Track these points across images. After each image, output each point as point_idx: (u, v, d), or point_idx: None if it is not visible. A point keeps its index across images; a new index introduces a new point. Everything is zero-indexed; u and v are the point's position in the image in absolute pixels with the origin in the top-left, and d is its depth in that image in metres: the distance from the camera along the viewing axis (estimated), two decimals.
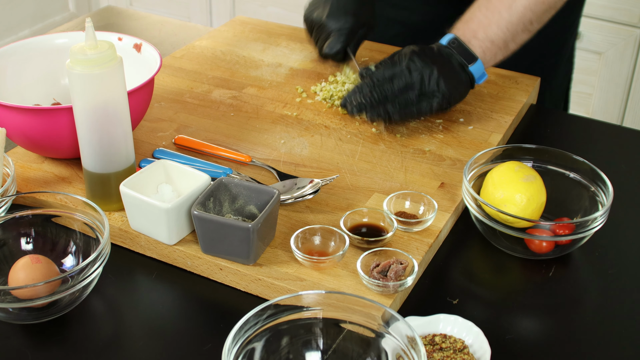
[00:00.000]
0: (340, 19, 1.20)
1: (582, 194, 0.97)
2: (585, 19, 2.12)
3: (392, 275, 0.83)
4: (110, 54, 0.87)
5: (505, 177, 0.93)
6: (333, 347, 0.75)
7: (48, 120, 0.96)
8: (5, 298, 0.83)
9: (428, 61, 1.08)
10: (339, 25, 1.20)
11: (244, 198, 0.91)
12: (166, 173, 0.94)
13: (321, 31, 1.22)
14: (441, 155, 1.07)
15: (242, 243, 0.85)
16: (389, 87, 1.08)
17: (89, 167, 0.93)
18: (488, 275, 0.93)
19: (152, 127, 1.13)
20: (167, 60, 1.32)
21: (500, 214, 0.90)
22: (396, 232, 0.92)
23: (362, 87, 1.09)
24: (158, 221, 0.88)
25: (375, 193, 1.00)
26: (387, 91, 1.08)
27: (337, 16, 1.20)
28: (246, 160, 1.05)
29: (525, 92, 1.24)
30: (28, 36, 2.88)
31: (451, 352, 0.79)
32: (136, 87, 0.99)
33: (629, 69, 2.12)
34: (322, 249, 0.88)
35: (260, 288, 0.87)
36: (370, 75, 1.09)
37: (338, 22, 1.20)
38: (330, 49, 1.20)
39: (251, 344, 0.72)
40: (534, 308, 0.88)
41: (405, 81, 1.08)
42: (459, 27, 1.14)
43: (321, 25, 1.22)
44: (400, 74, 1.08)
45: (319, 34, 1.23)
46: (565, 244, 0.92)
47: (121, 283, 0.90)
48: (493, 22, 1.11)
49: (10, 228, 0.90)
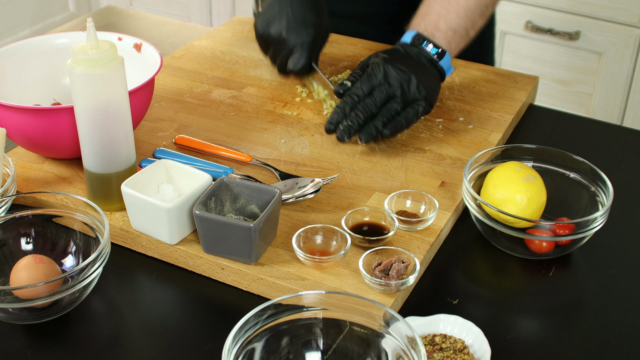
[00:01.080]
0: (302, 33, 1.12)
1: (582, 194, 0.97)
2: (585, 19, 2.12)
3: (394, 274, 0.83)
4: (112, 54, 0.87)
5: (505, 177, 0.93)
6: (333, 347, 0.75)
7: (48, 120, 0.96)
8: (6, 298, 0.83)
9: (402, 67, 1.06)
10: (300, 39, 1.12)
11: (246, 197, 0.91)
12: (167, 173, 0.94)
13: (280, 47, 1.13)
14: (441, 155, 1.08)
15: (243, 242, 0.85)
16: (371, 102, 1.05)
17: (90, 167, 0.93)
18: (488, 275, 0.93)
19: (152, 127, 1.13)
20: (166, 60, 1.32)
21: (500, 214, 0.90)
22: (397, 231, 0.92)
23: (344, 108, 1.05)
24: (159, 221, 0.88)
25: (376, 192, 1.00)
26: (371, 107, 1.04)
27: (297, 30, 1.12)
28: (247, 159, 1.05)
29: (524, 91, 1.24)
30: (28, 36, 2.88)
31: (451, 352, 0.79)
32: (137, 87, 0.99)
33: (629, 69, 2.12)
34: (324, 248, 0.88)
35: (262, 287, 0.87)
36: (350, 94, 1.06)
37: (299, 37, 1.12)
38: (295, 65, 1.12)
39: (251, 344, 0.72)
40: (534, 308, 0.88)
41: (386, 93, 1.05)
42: (418, 22, 1.13)
43: (280, 40, 1.13)
44: (379, 86, 1.05)
45: (278, 51, 1.14)
46: (566, 244, 0.92)
47: (121, 283, 0.90)
48: (452, 11, 1.10)
49: (10, 228, 0.90)
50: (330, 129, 1.05)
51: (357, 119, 1.04)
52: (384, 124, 1.05)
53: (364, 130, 1.04)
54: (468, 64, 1.31)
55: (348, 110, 1.05)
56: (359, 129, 1.04)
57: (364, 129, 1.04)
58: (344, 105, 1.05)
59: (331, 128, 1.05)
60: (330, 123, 1.05)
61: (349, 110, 1.05)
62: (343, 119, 1.05)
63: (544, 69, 2.23)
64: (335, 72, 1.28)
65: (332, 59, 1.32)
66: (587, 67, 2.18)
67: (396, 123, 1.05)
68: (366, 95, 1.05)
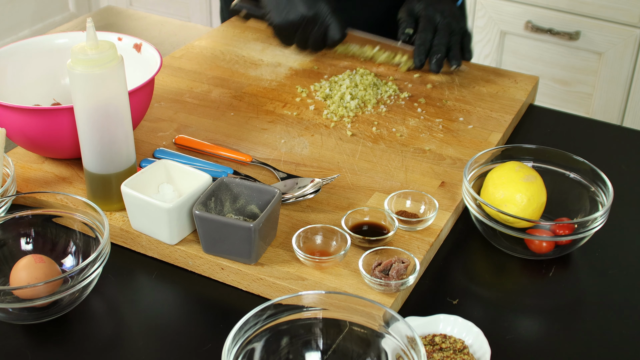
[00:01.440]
0: (321, 5, 1.22)
1: (582, 194, 0.97)
2: (585, 19, 2.12)
3: (394, 274, 0.83)
4: (112, 54, 0.87)
5: (506, 177, 0.93)
6: (333, 347, 0.75)
7: (48, 120, 0.96)
8: (6, 298, 0.83)
9: (446, 8, 1.25)
10: (326, 10, 1.23)
11: (245, 198, 0.91)
12: (167, 173, 0.94)
13: (308, 27, 1.23)
14: (441, 155, 1.08)
15: (243, 243, 0.85)
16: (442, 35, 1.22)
17: (90, 167, 0.93)
18: (488, 276, 0.93)
19: (152, 127, 1.13)
20: (166, 60, 1.32)
21: (500, 214, 0.90)
22: (397, 231, 0.92)
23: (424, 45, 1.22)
24: (159, 221, 0.88)
25: (375, 192, 1.00)
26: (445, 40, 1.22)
27: (316, 4, 1.22)
28: (247, 160, 1.05)
29: (524, 91, 1.24)
30: (28, 36, 2.88)
31: (451, 352, 0.79)
32: (137, 87, 0.99)
33: (629, 69, 2.12)
34: (324, 249, 0.88)
35: (262, 287, 0.87)
36: (421, 35, 1.22)
37: (323, 9, 1.23)
38: (335, 34, 1.23)
39: (251, 344, 0.72)
40: (534, 308, 0.88)
41: (449, 28, 1.23)
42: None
43: (306, 20, 1.23)
44: (439, 25, 1.23)
45: (309, 29, 1.24)
46: (566, 244, 0.92)
47: (121, 283, 0.90)
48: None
49: (10, 228, 0.90)
50: (421, 63, 1.23)
51: (440, 50, 1.22)
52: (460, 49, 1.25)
53: (451, 57, 1.23)
54: (468, 64, 1.31)
55: (428, 47, 1.22)
56: (445, 57, 1.23)
57: (450, 56, 1.23)
58: (422, 43, 1.23)
59: (422, 62, 1.23)
60: (420, 60, 1.23)
61: (428, 46, 1.22)
62: (426, 52, 1.23)
63: (544, 69, 2.23)
64: (335, 72, 1.28)
65: (332, 59, 1.32)
66: (587, 67, 2.18)
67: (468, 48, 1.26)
68: (434, 34, 1.23)
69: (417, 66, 1.24)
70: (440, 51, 1.22)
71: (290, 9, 1.23)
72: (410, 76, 1.28)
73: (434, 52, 1.22)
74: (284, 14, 1.24)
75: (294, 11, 1.23)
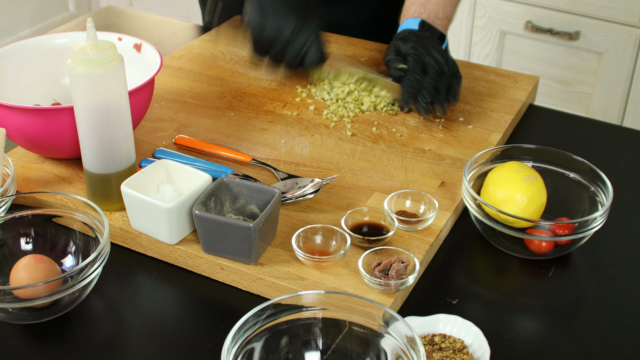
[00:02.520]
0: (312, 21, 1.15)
1: (582, 194, 0.97)
2: (585, 19, 2.12)
3: (393, 274, 0.83)
4: (112, 54, 0.87)
5: (506, 177, 0.94)
6: (332, 347, 0.75)
7: (48, 120, 0.96)
8: (5, 298, 0.83)
9: (436, 46, 1.18)
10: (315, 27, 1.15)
11: (245, 197, 0.91)
12: (167, 173, 0.94)
13: (294, 40, 1.13)
14: (441, 155, 1.08)
15: (243, 242, 0.85)
16: (431, 78, 1.14)
17: (90, 167, 0.93)
18: (488, 275, 0.93)
19: (152, 127, 1.13)
20: (166, 60, 1.32)
21: (500, 214, 0.90)
22: (397, 231, 0.92)
23: (412, 86, 1.13)
24: (159, 221, 0.88)
25: (375, 192, 1.00)
26: (434, 81, 1.14)
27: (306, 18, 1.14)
28: (246, 159, 1.05)
29: (524, 91, 1.24)
30: (28, 36, 2.88)
31: (450, 352, 0.79)
32: (137, 87, 0.99)
33: (629, 69, 2.12)
34: (324, 248, 0.88)
35: (262, 287, 0.87)
36: (411, 74, 1.14)
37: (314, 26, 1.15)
38: (317, 55, 1.16)
39: (251, 344, 0.72)
40: (534, 308, 0.88)
41: (438, 67, 1.15)
42: (419, 10, 1.23)
43: (294, 32, 1.13)
44: (430, 64, 1.15)
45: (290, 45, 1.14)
46: (565, 244, 0.92)
47: (121, 283, 0.90)
48: (447, 2, 1.24)
49: (10, 228, 0.90)
50: (408, 109, 1.16)
51: (429, 93, 1.13)
52: (447, 93, 1.15)
53: (437, 102, 1.13)
54: (468, 64, 1.31)
55: (417, 88, 1.14)
56: (432, 102, 1.14)
57: (436, 100, 1.14)
58: (410, 86, 1.14)
59: (408, 107, 1.16)
60: (407, 103, 1.14)
61: (417, 88, 1.14)
62: (414, 96, 1.14)
63: (544, 69, 2.23)
64: None
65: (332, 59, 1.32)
66: (587, 67, 2.18)
67: (456, 91, 1.16)
68: (423, 74, 1.15)
69: (402, 109, 1.16)
70: (429, 94, 1.13)
71: (275, 16, 1.13)
72: None
73: (422, 95, 1.13)
74: (266, 20, 1.13)
75: (279, 20, 1.13)
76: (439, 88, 1.14)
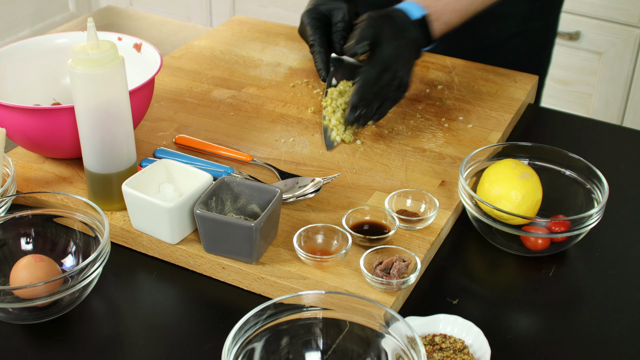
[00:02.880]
0: None
1: (578, 192, 0.97)
2: (585, 19, 2.12)
3: (395, 273, 0.83)
4: (112, 54, 0.87)
5: (501, 174, 0.94)
6: (333, 347, 0.75)
7: (48, 120, 0.96)
8: (6, 298, 0.83)
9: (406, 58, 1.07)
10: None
11: (246, 197, 0.91)
12: (168, 172, 0.94)
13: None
14: (441, 154, 1.08)
15: (244, 242, 0.85)
16: (378, 90, 1.06)
17: (90, 167, 0.93)
18: (488, 275, 0.93)
19: (152, 127, 1.13)
20: (165, 60, 1.32)
21: (495, 210, 0.90)
22: (398, 230, 0.92)
23: (360, 98, 1.06)
24: (160, 220, 0.88)
25: (376, 191, 1.00)
26: (377, 96, 1.07)
27: None
28: (247, 159, 1.05)
29: (523, 90, 1.24)
30: (28, 36, 2.88)
31: (451, 352, 0.78)
32: (137, 87, 0.99)
33: (629, 69, 2.12)
34: (325, 248, 0.88)
35: (263, 287, 0.87)
36: (362, 86, 1.06)
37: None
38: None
39: (251, 344, 0.72)
40: (534, 308, 0.88)
41: (389, 80, 1.06)
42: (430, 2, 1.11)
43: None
44: (384, 73, 1.06)
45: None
46: (561, 241, 0.92)
47: (122, 283, 0.89)
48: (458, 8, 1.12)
49: (10, 228, 0.90)
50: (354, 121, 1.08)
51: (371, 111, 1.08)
52: (378, 109, 1.08)
53: (365, 116, 1.07)
54: (468, 64, 1.31)
55: (366, 99, 1.06)
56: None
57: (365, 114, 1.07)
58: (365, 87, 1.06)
59: (354, 120, 1.08)
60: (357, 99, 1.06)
61: (367, 98, 1.06)
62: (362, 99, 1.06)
63: None
64: None
65: None
66: (587, 67, 2.18)
67: (383, 113, 1.09)
68: (377, 79, 1.06)
69: (348, 123, 1.08)
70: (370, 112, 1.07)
71: None
72: None
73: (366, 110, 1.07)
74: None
75: None
76: (373, 103, 1.07)
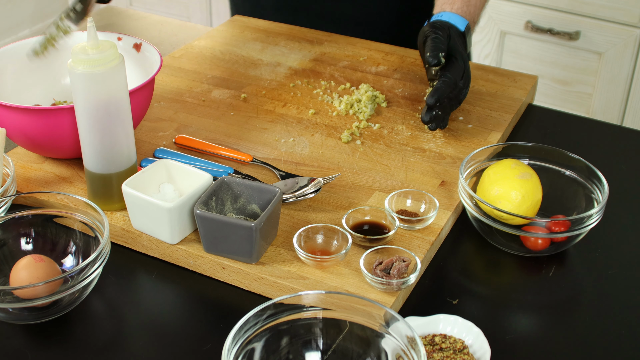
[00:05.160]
0: None
1: (578, 192, 0.97)
2: (585, 19, 2.12)
3: (395, 273, 0.83)
4: (112, 54, 0.87)
5: (501, 174, 0.94)
6: (333, 347, 0.75)
7: (48, 120, 0.96)
8: (6, 298, 0.83)
9: (463, 73, 1.11)
10: None
11: (246, 197, 0.91)
12: (168, 172, 0.94)
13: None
14: (441, 154, 1.08)
15: (244, 242, 0.85)
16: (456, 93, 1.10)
17: (90, 167, 0.93)
18: (488, 275, 0.93)
19: (152, 127, 1.13)
20: (165, 60, 1.32)
21: (495, 210, 0.90)
22: (398, 230, 0.92)
23: (437, 102, 1.06)
24: (160, 220, 0.88)
25: (376, 191, 1.00)
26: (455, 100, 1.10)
27: None
28: (247, 159, 1.05)
29: (523, 90, 1.24)
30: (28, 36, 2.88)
31: (451, 352, 0.79)
32: (137, 87, 0.99)
33: (629, 69, 2.12)
34: (325, 248, 0.88)
35: (263, 287, 0.87)
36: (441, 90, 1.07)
37: None
38: None
39: (251, 344, 0.72)
40: (534, 308, 0.88)
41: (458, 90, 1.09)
42: (462, 8, 1.15)
43: None
44: (456, 84, 1.09)
45: None
46: (561, 241, 0.92)
47: (121, 283, 0.89)
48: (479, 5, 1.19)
49: (10, 228, 0.90)
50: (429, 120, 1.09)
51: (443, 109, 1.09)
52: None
53: (438, 120, 1.08)
54: None
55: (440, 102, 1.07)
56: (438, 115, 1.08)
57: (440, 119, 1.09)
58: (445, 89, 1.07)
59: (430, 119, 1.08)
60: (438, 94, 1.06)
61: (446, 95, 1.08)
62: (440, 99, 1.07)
63: (544, 69, 2.23)
64: (335, 71, 1.28)
65: (331, 59, 1.32)
66: (587, 67, 2.18)
67: (446, 120, 1.11)
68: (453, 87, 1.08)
69: (424, 122, 1.08)
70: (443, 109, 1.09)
71: None
72: (409, 77, 1.28)
73: (439, 113, 1.08)
74: None
75: None
76: (446, 108, 1.09)
